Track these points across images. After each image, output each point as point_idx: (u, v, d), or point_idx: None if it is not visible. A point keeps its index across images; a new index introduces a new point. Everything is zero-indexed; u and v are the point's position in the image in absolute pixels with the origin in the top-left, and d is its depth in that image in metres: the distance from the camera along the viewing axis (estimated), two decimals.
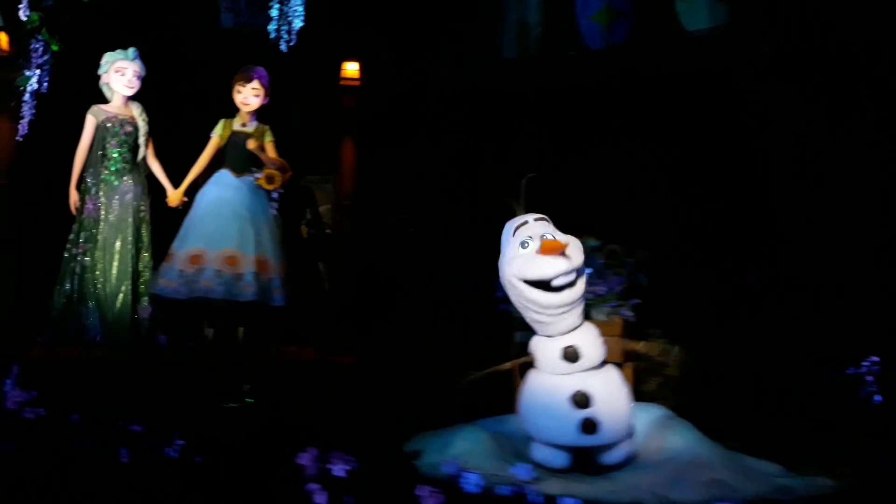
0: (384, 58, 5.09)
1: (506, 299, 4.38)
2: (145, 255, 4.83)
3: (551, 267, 3.12)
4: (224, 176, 4.92)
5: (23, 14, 4.59)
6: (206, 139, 5.04)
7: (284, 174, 4.82)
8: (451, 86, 5.04)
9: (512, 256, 3.21)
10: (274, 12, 5.05)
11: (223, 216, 4.74)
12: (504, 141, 5.01)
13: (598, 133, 5.04)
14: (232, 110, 5.06)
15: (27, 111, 4.72)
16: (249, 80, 4.94)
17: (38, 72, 4.72)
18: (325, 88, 5.57)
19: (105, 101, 4.88)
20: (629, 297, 4.10)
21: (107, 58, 4.80)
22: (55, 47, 4.72)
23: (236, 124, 5.00)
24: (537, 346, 3.31)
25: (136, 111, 4.87)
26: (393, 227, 5.22)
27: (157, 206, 4.91)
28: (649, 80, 5.02)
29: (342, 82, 5.27)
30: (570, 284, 3.16)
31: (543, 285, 3.16)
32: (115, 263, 4.69)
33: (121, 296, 4.68)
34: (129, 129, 4.83)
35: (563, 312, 3.15)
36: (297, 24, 5.06)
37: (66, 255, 4.71)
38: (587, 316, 3.77)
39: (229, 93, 5.02)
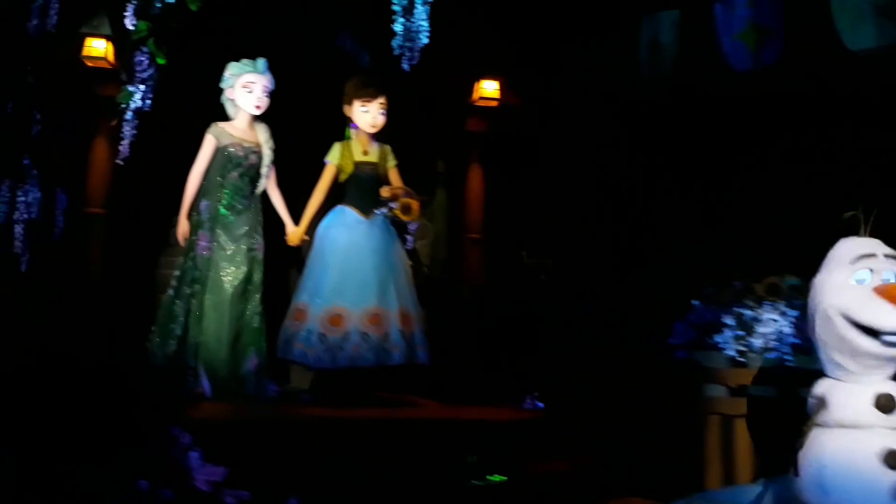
0: (516, 77, 4.61)
1: (687, 345, 3.92)
2: (256, 297, 4.20)
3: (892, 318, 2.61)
4: (349, 216, 4.25)
5: (129, 23, 4.08)
6: (304, 163, 4.39)
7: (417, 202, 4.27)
8: (589, 106, 4.56)
9: (841, 285, 2.69)
10: (398, 27, 4.59)
11: (359, 267, 4.11)
12: (650, 168, 4.54)
13: (752, 159, 4.60)
14: (331, 131, 4.45)
15: (128, 131, 4.18)
16: (376, 96, 4.24)
17: (141, 87, 4.19)
18: (422, 110, 5.04)
19: (225, 117, 4.27)
20: None
21: (232, 69, 4.17)
22: (161, 60, 4.19)
23: (356, 152, 4.31)
24: (833, 392, 2.78)
25: (262, 136, 4.24)
26: (531, 265, 4.68)
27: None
28: (807, 104, 4.61)
29: (479, 102, 4.73)
30: None
31: (870, 331, 2.66)
32: (224, 308, 4.07)
33: (228, 345, 4.07)
34: (253, 159, 4.20)
35: (882, 365, 2.65)
36: (423, 40, 4.61)
37: (170, 292, 4.14)
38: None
39: (330, 111, 4.38)
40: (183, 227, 4.14)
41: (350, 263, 4.14)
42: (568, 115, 4.62)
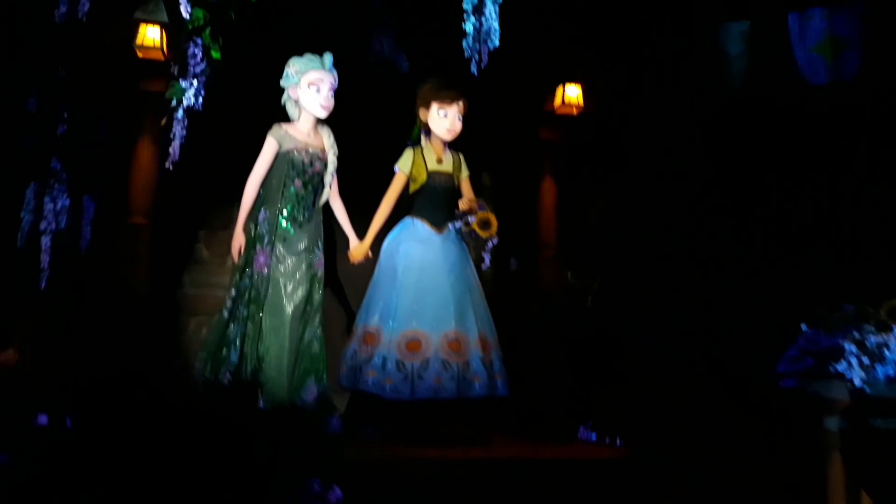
0: (596, 83, 4.28)
1: (798, 374, 3.64)
2: (315, 319, 3.74)
3: None
4: (421, 230, 3.84)
5: (184, 11, 3.64)
6: (366, 170, 3.98)
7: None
8: (666, 116, 4.28)
9: None
10: (469, 27, 4.25)
11: (435, 286, 3.70)
12: (733, 182, 4.27)
13: (833, 174, 4.38)
14: (396, 134, 4.07)
15: (178, 131, 3.72)
16: (456, 100, 3.85)
17: (193, 83, 3.74)
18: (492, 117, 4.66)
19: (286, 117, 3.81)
20: None
21: (296, 66, 3.70)
22: (216, 54, 3.75)
23: (430, 160, 3.91)
24: None
25: (326, 141, 3.79)
26: (576, 286, 4.35)
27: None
28: (891, 120, 4.42)
29: (559, 110, 4.38)
30: None
31: None
32: (284, 332, 3.61)
33: (288, 373, 3.60)
34: (318, 166, 3.75)
35: None
36: (494, 42, 4.27)
37: (224, 314, 3.66)
38: None
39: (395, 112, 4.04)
40: (238, 240, 3.66)
41: (425, 282, 3.72)
42: (645, 123, 4.34)
